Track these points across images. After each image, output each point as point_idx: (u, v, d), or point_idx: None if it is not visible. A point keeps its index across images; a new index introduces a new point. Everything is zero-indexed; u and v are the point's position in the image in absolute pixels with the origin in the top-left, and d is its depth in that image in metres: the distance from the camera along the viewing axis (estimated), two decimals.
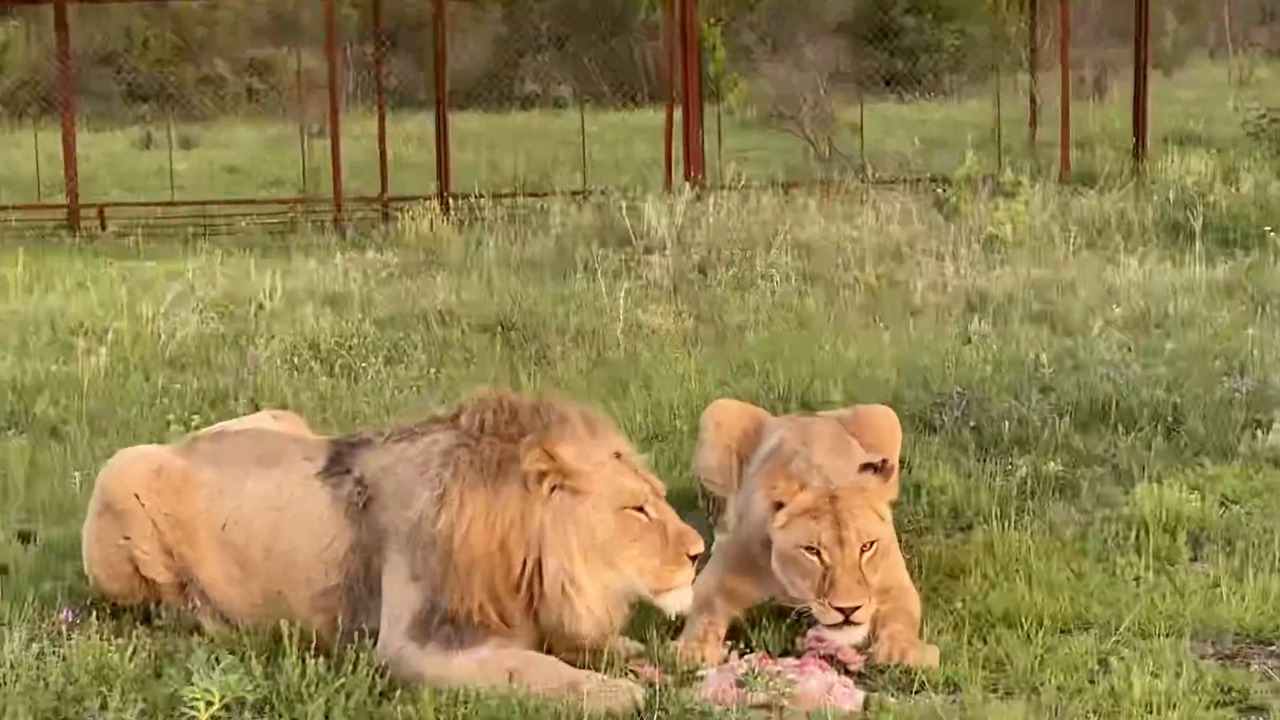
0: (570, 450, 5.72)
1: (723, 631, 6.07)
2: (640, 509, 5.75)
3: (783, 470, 6.09)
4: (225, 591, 6.19)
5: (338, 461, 6.14)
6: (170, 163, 24.33)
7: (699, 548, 5.79)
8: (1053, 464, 8.03)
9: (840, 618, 5.79)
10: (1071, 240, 15.19)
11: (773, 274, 14.21)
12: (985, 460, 8.24)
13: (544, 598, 5.71)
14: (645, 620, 6.09)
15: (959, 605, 6.22)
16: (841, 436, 6.60)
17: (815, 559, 5.87)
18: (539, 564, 5.69)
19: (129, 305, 12.80)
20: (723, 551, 6.53)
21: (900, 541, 6.61)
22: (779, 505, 5.99)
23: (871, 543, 5.88)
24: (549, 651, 5.78)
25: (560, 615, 5.71)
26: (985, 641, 5.94)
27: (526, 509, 5.70)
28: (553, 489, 5.70)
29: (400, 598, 5.77)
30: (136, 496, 6.30)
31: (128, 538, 6.32)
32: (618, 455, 5.83)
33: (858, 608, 5.78)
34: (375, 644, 5.72)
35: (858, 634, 5.84)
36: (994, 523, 7.12)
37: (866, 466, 6.09)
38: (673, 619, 5.93)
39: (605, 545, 5.68)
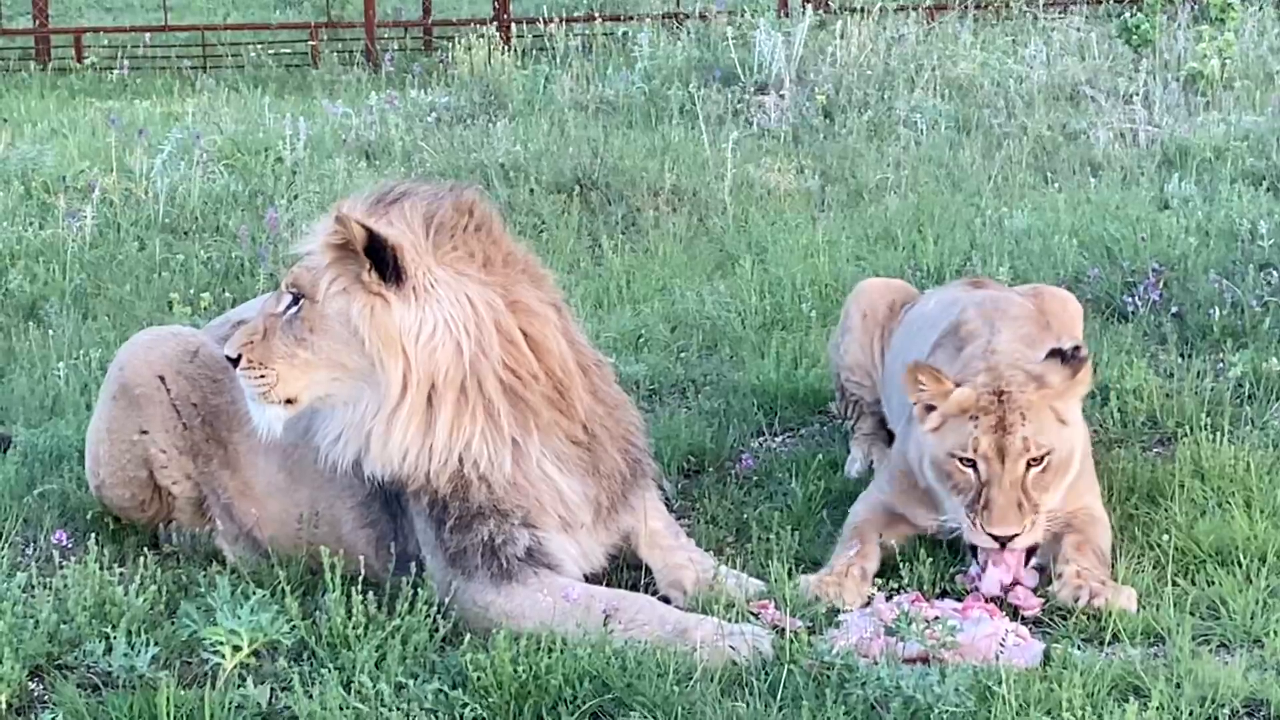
0: None
1: (871, 568, 6.01)
2: None
3: (928, 366, 6.02)
4: (261, 506, 6.22)
5: None
6: None
7: None
8: (1275, 360, 7.94)
9: (994, 544, 5.80)
10: None
11: (917, 120, 14.11)
12: (1190, 356, 8.17)
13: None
14: (766, 554, 6.11)
15: (1160, 537, 6.18)
16: (1033, 317, 6.49)
17: (970, 471, 5.86)
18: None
19: (117, 156, 12.85)
20: (885, 468, 6.55)
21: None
22: (930, 407, 5.99)
23: (1044, 455, 5.85)
24: (654, 595, 5.83)
25: None
26: (1194, 582, 5.91)
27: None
28: None
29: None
30: (161, 380, 6.34)
31: (145, 431, 6.36)
32: None
33: (1014, 535, 5.79)
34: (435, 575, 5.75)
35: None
36: (1202, 434, 7.04)
37: (1055, 354, 5.97)
38: None
39: None
